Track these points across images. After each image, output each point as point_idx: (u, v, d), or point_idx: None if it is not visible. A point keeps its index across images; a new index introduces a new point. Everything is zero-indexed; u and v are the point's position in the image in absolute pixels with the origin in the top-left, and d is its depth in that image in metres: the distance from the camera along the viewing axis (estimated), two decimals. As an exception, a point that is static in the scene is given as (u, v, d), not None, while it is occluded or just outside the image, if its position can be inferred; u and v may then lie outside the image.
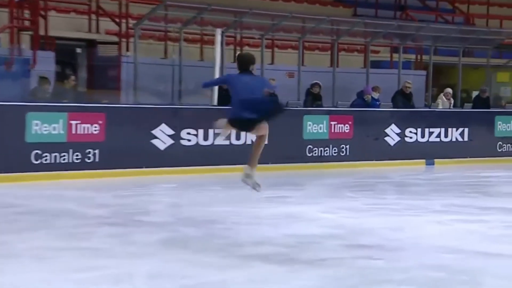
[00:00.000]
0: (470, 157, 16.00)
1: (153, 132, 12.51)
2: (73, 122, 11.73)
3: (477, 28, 17.84)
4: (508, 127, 16.60)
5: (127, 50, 15.92)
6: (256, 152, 6.66)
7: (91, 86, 15.90)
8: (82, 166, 11.78)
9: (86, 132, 11.84)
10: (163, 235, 7.34)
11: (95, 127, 11.93)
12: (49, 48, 14.80)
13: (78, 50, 16.19)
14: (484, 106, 16.90)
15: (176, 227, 7.87)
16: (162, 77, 15.54)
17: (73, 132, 11.72)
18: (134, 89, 13.98)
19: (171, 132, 12.66)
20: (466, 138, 16.04)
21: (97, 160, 11.91)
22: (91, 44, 16.24)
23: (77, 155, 11.74)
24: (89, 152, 11.85)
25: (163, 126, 12.60)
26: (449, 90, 16.98)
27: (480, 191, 11.87)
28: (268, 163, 13.69)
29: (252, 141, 6.80)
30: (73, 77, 13.53)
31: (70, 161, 11.68)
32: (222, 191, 11.08)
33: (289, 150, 13.94)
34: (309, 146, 14.18)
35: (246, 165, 6.56)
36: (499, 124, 16.52)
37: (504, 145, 16.55)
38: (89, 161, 11.86)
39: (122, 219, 8.32)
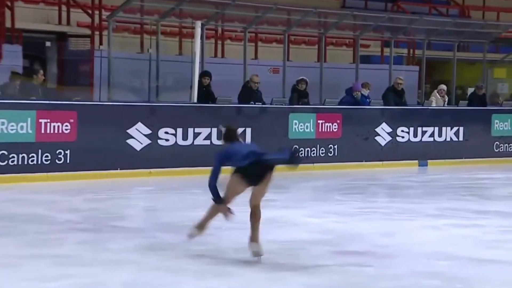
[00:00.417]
0: (465, 158, 16.12)
1: (129, 131, 12.48)
2: (42, 121, 11.68)
3: (473, 21, 17.97)
4: (506, 126, 16.73)
5: (100, 43, 15.88)
6: (255, 225, 6.64)
7: (62, 82, 15.84)
8: (52, 168, 11.73)
9: (56, 131, 11.79)
10: (138, 241, 7.34)
11: (66, 126, 11.89)
12: (16, 41, 14.72)
13: (48, 44, 16.12)
14: (480, 104, 17.01)
15: (153, 233, 7.87)
16: (138, 72, 15.52)
17: (42, 131, 11.67)
18: (108, 86, 13.94)
19: (148, 131, 12.65)
20: (461, 138, 16.15)
21: (68, 161, 11.87)
22: (61, 37, 16.18)
23: (46, 156, 11.70)
24: (60, 153, 11.81)
25: (139, 125, 12.58)
26: (443, 86, 17.08)
27: (476, 193, 11.97)
28: (251, 165, 13.71)
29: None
30: (42, 73, 13.47)
31: (39, 162, 11.64)
32: (203, 194, 10.98)
33: (274, 150, 13.93)
34: (295, 146, 14.21)
35: (251, 243, 6.54)
36: (496, 123, 16.64)
37: (502, 145, 16.68)
38: (59, 162, 11.82)
39: (95, 225, 8.30)
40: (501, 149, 16.67)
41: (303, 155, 6.74)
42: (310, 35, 18.81)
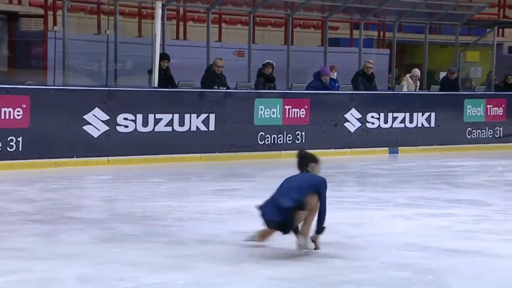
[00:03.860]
0: (437, 145, 16.28)
1: (85, 117, 12.39)
2: (-7, 106, 11.55)
3: (445, 2, 18.07)
4: (478, 111, 16.91)
5: (55, 24, 15.70)
6: (307, 223, 6.54)
7: (13, 65, 15.65)
8: (3, 156, 11.61)
9: (7, 117, 11.66)
10: (96, 233, 7.30)
11: (18, 111, 11.75)
12: (-37, 21, 14.52)
13: (-2, 24, 15.92)
14: (452, 89, 17.16)
15: (111, 224, 7.83)
16: (94, 55, 15.39)
17: (-7, 117, 11.54)
18: (63, 69, 13.81)
19: (106, 117, 12.56)
20: (432, 124, 16.30)
21: (20, 149, 11.75)
22: (12, 17, 15.97)
23: (-3, 144, 11.57)
24: (11, 140, 11.69)
25: (97, 111, 12.49)
26: (417, 71, 17.12)
27: (448, 182, 12.09)
28: (215, 152, 13.72)
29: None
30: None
31: (-10, 150, 11.51)
32: (164, 183, 11.06)
33: (239, 137, 13.97)
34: (261, 133, 14.23)
35: (299, 235, 6.47)
36: (469, 108, 16.81)
37: (474, 131, 16.86)
38: (11, 150, 11.69)
39: (49, 216, 8.24)
40: (474, 135, 16.86)
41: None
42: (277, 17, 18.81)
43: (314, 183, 6.60)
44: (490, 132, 17.04)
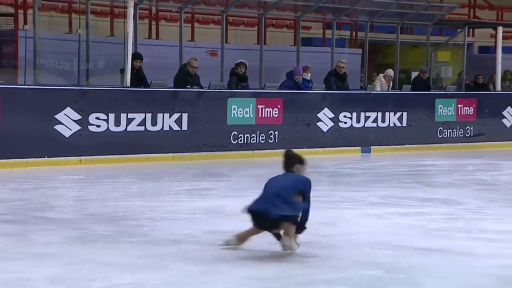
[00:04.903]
0: (409, 144, 16.37)
1: (57, 117, 12.30)
2: (-37, 106, 11.44)
3: (416, 2, 18.18)
4: (450, 111, 17.04)
5: (25, 23, 15.55)
6: (292, 224, 6.49)
7: (-17, 65, 15.49)
8: (-27, 156, 11.50)
9: (-22, 117, 11.55)
10: (67, 233, 7.25)
11: (-11, 111, 11.65)
12: None
13: (-34, 23, 15.74)
14: (424, 88, 17.27)
15: (82, 224, 7.78)
16: (66, 54, 15.28)
17: (-37, 117, 11.43)
18: (34, 68, 13.70)
19: (78, 116, 12.48)
20: (404, 123, 16.39)
21: (-9, 149, 11.65)
22: (-18, 16, 15.80)
23: (-33, 144, 11.47)
24: (-18, 140, 11.58)
25: (68, 110, 12.40)
26: (391, 72, 17.21)
27: (419, 181, 12.17)
28: (188, 152, 13.69)
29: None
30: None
31: (-40, 150, 11.40)
32: (136, 183, 11.01)
33: (212, 137, 13.95)
34: (234, 132, 14.22)
35: (284, 236, 6.42)
36: (440, 108, 16.93)
37: (445, 130, 16.98)
38: (-18, 150, 11.59)
39: (20, 216, 8.17)
40: (445, 134, 16.98)
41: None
42: (250, 16, 18.80)
43: (298, 184, 6.61)
44: (461, 131, 17.18)
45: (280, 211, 6.41)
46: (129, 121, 12.99)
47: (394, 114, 16.26)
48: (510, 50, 21.84)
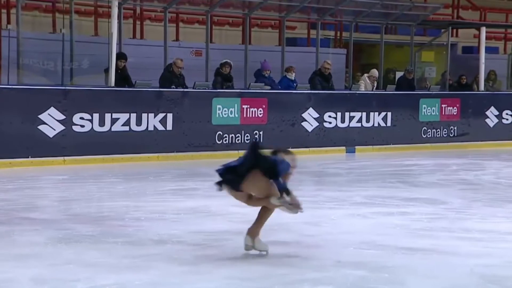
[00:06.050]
0: (393, 144, 16.42)
1: (40, 117, 12.25)
2: None
3: (400, 2, 18.23)
4: (434, 111, 17.10)
5: (8, 22, 15.46)
6: (261, 221, 6.42)
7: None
8: (-44, 156, 11.44)
9: (-39, 117, 11.49)
10: (51, 234, 7.22)
11: (-28, 111, 11.58)
12: None
13: None
14: (409, 88, 17.33)
15: (67, 224, 7.76)
16: (50, 54, 15.20)
17: None
18: (17, 68, 13.64)
19: (61, 116, 12.43)
20: (389, 123, 16.44)
21: (-26, 149, 11.59)
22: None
23: (-50, 144, 11.40)
24: (-35, 140, 11.52)
25: (52, 110, 12.35)
26: (376, 72, 17.25)
27: (404, 181, 12.21)
28: (173, 152, 13.67)
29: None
30: None
31: None
32: (120, 183, 10.98)
33: (197, 137, 13.94)
34: (219, 132, 14.21)
35: (246, 236, 6.36)
36: (424, 108, 16.99)
37: (429, 130, 17.05)
38: (-35, 150, 11.53)
39: (4, 217, 8.13)
40: (429, 134, 17.04)
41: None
42: (234, 16, 18.79)
43: (272, 159, 6.51)
44: (445, 131, 17.25)
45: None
46: (113, 121, 12.95)
47: (379, 114, 16.31)
48: (493, 50, 21.99)
